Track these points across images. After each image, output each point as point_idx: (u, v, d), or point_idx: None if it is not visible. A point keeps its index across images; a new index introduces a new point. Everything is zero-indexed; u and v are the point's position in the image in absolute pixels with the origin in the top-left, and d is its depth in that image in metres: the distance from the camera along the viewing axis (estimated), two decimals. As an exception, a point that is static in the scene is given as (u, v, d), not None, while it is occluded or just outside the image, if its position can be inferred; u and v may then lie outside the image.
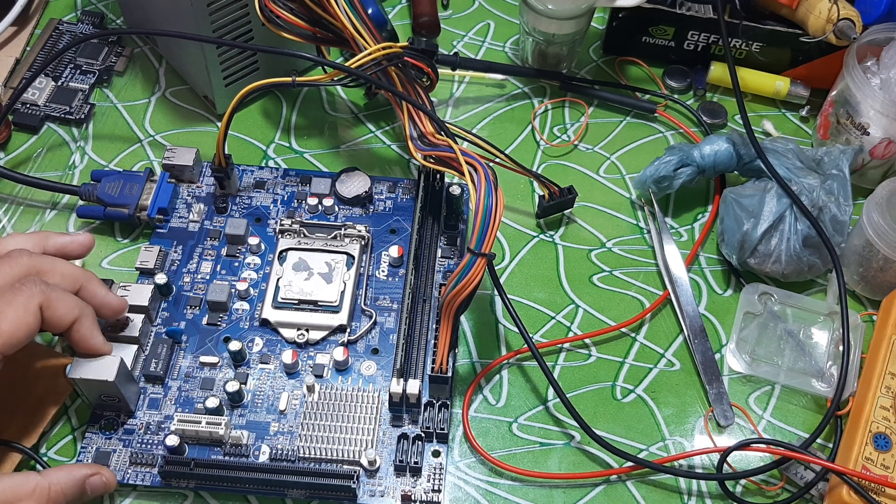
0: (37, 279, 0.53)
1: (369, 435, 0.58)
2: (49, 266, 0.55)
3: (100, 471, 0.55)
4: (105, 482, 0.55)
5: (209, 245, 0.67)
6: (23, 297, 0.51)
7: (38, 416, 0.59)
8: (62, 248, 0.59)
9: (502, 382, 0.64)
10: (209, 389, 0.61)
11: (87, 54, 0.78)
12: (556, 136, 0.78)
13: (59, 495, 0.52)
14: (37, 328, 0.52)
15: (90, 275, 0.57)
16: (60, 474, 0.53)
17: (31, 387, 0.60)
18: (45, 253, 0.57)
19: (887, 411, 0.60)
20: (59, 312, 0.53)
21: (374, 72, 0.64)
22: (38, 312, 0.52)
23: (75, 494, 0.53)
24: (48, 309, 0.52)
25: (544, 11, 0.74)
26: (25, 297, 0.52)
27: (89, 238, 0.60)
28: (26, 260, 0.54)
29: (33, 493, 0.51)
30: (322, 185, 0.70)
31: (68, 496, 0.52)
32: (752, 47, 0.79)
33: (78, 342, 0.55)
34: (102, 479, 0.55)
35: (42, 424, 0.59)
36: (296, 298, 0.63)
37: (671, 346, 0.67)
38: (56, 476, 0.52)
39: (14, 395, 0.59)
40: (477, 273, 0.56)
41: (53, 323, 0.53)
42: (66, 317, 0.53)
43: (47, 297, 0.52)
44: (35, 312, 0.52)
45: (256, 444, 0.59)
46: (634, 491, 0.60)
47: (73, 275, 0.56)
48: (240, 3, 0.68)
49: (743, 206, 0.67)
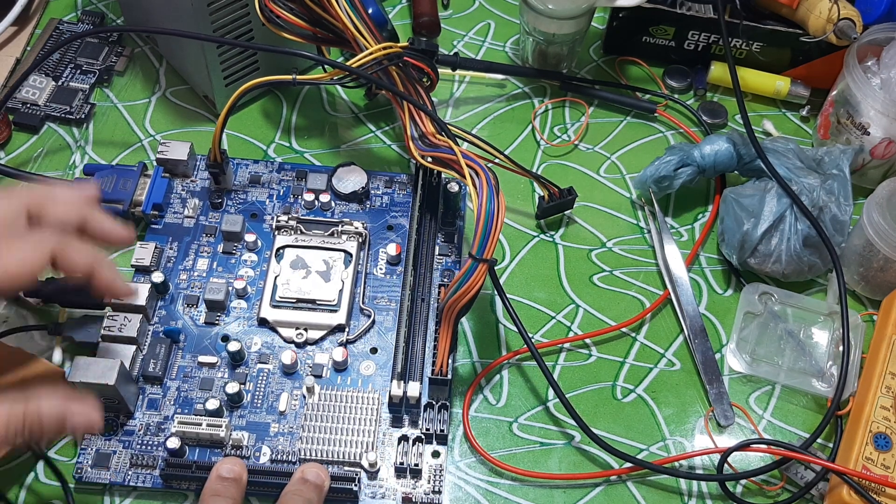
0: (54, 230, 0.51)
1: (369, 437, 0.58)
2: (50, 196, 0.53)
3: (83, 402, 0.51)
4: (88, 420, 0.51)
5: (205, 241, 0.67)
6: (35, 238, 0.50)
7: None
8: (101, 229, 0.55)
9: (503, 382, 0.64)
10: (208, 389, 0.60)
11: (87, 54, 0.78)
12: (556, 135, 0.78)
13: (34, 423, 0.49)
14: (41, 271, 0.50)
15: (93, 204, 0.55)
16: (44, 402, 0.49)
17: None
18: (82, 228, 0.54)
19: (887, 411, 0.60)
20: (74, 258, 0.51)
21: (374, 71, 0.64)
22: (46, 256, 0.50)
23: (54, 428, 0.50)
24: (62, 255, 0.50)
25: (544, 11, 0.74)
26: (37, 239, 0.50)
27: (132, 234, 0.56)
28: (26, 192, 0.52)
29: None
30: (318, 181, 0.70)
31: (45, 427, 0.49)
32: (753, 47, 0.79)
33: (103, 289, 0.53)
34: (85, 417, 0.50)
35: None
36: (294, 297, 0.63)
37: (671, 346, 0.67)
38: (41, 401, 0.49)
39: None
40: (478, 279, 0.56)
41: (69, 268, 0.51)
42: (80, 262, 0.51)
43: (62, 246, 0.50)
44: (44, 255, 0.50)
45: (257, 446, 0.59)
46: (635, 491, 0.60)
47: (76, 203, 0.54)
48: (240, 2, 0.68)
49: (743, 206, 0.67)
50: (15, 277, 0.49)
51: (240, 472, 0.54)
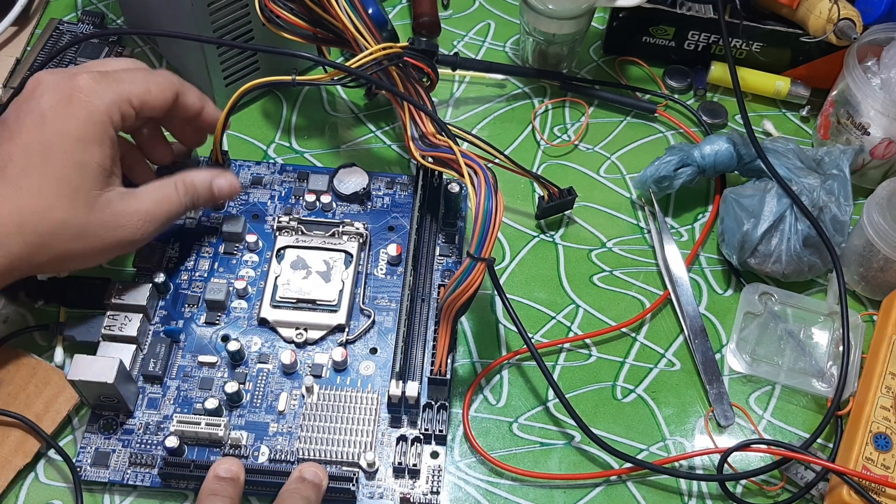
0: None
1: (368, 437, 0.58)
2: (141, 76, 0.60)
3: (223, 174, 0.64)
4: (230, 184, 0.64)
5: (206, 242, 0.67)
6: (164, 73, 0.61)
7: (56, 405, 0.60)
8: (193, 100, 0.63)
9: (503, 382, 0.64)
10: (208, 389, 0.60)
11: (87, 54, 0.78)
12: (556, 136, 0.78)
13: (191, 186, 0.61)
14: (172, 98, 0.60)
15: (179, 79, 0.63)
16: (192, 173, 0.62)
17: (31, 401, 0.60)
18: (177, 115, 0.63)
19: (888, 411, 0.60)
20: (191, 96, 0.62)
21: (374, 72, 0.64)
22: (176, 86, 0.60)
23: (206, 189, 0.62)
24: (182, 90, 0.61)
25: (545, 11, 0.74)
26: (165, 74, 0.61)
27: (238, 184, 0.66)
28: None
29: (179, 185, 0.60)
30: (320, 182, 0.70)
31: (199, 189, 0.62)
32: (753, 47, 0.79)
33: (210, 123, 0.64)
34: (228, 181, 0.63)
35: (61, 413, 0.59)
36: (294, 297, 0.63)
37: (671, 346, 0.67)
38: (189, 174, 0.62)
39: (22, 398, 0.60)
40: (476, 278, 0.56)
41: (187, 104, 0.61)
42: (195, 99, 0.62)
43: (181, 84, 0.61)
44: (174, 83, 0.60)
45: (255, 445, 0.59)
46: (635, 491, 0.60)
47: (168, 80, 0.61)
48: (240, 3, 0.68)
49: (743, 206, 0.67)
50: (157, 97, 0.59)
51: (237, 472, 0.55)
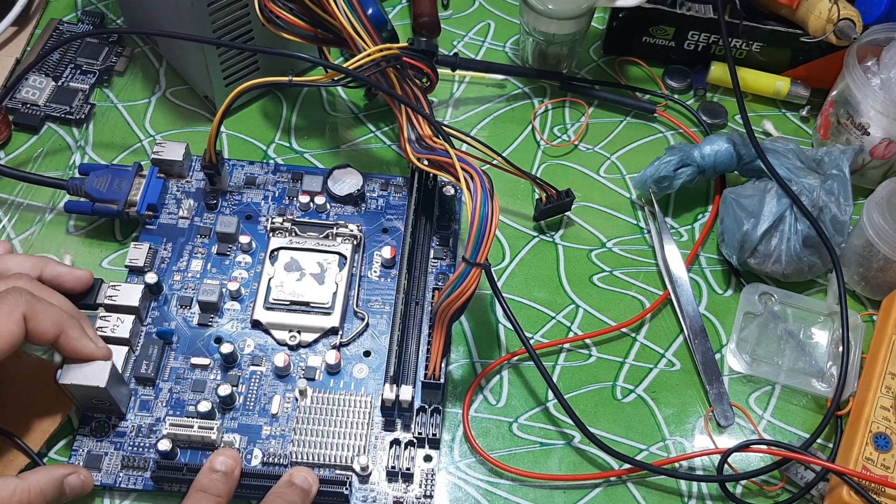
0: (22, 290, 0.53)
1: (361, 440, 0.58)
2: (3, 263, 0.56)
3: (76, 470, 0.55)
4: (82, 481, 0.55)
5: (199, 243, 0.67)
6: (6, 306, 0.52)
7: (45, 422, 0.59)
8: (58, 276, 0.59)
9: (502, 383, 0.64)
10: (200, 391, 0.60)
11: (87, 54, 0.78)
12: (556, 136, 0.77)
13: (38, 496, 0.52)
14: (20, 338, 0.52)
15: (45, 258, 0.59)
16: (38, 476, 0.53)
17: (32, 403, 0.59)
18: (41, 279, 0.58)
19: (887, 411, 0.60)
20: (43, 325, 0.53)
21: (372, 73, 0.64)
22: (21, 322, 0.52)
23: (54, 494, 0.53)
24: (32, 320, 0.52)
25: (544, 11, 0.74)
26: (9, 305, 0.52)
27: (87, 274, 0.61)
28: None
29: (13, 496, 0.51)
30: (314, 183, 0.70)
31: (48, 496, 0.53)
32: (753, 47, 0.79)
33: (70, 353, 0.55)
34: (80, 478, 0.55)
35: (48, 431, 0.59)
36: (287, 300, 0.63)
37: (671, 346, 0.67)
38: (34, 478, 0.53)
39: (17, 408, 0.59)
40: (471, 283, 0.55)
41: (37, 335, 0.53)
42: (49, 330, 0.53)
43: (31, 307, 0.52)
44: (19, 322, 0.52)
45: (248, 448, 0.58)
46: (635, 492, 0.60)
47: (30, 261, 0.58)
48: (240, 3, 0.68)
49: (743, 206, 0.67)
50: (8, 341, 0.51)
51: (233, 466, 0.55)
